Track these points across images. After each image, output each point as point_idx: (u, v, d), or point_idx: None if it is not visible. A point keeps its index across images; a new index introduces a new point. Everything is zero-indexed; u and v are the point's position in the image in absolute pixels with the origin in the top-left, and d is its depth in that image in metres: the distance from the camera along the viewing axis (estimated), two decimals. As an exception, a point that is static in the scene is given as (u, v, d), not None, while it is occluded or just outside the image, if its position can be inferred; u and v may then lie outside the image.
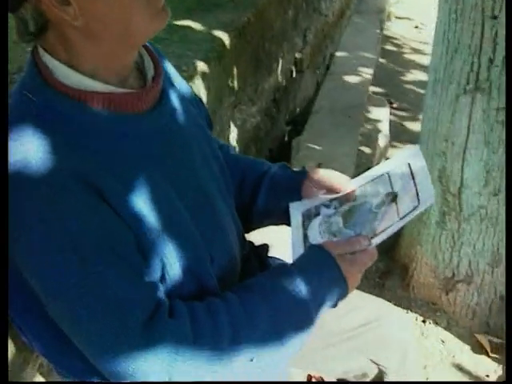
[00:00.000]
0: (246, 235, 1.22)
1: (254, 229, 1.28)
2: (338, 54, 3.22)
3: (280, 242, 1.37)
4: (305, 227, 1.12)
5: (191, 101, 1.11)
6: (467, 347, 1.98)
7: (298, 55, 3.27)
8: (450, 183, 1.84)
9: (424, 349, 1.99)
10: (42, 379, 1.39)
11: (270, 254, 1.31)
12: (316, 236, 1.09)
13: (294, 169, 1.25)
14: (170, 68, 1.09)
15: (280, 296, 0.92)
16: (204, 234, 0.95)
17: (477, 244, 1.90)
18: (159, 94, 0.94)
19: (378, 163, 2.77)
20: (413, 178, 1.05)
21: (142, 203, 0.85)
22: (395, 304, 2.13)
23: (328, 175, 1.14)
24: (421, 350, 1.98)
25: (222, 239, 1.03)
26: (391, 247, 2.29)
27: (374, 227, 1.02)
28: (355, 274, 0.97)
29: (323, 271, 0.95)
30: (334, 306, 0.97)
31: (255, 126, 2.57)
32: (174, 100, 1.00)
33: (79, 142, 0.81)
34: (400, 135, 3.28)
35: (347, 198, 1.11)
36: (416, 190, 1.02)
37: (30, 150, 0.77)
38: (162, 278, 0.88)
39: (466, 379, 1.90)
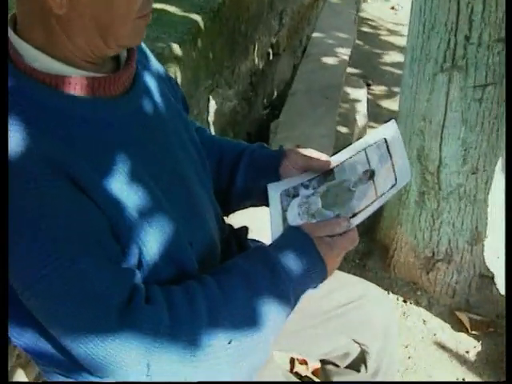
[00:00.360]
0: (226, 218, 1.21)
1: (233, 211, 1.27)
2: (315, 35, 3.19)
3: (259, 224, 1.36)
4: (283, 208, 1.12)
5: (166, 83, 1.09)
6: (448, 325, 2.00)
7: (274, 38, 3.24)
8: (428, 162, 1.84)
9: (406, 328, 2.01)
10: (21, 371, 1.37)
11: (249, 237, 1.30)
12: (295, 218, 1.08)
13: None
14: (144, 50, 1.06)
15: (258, 278, 0.91)
16: (182, 219, 0.94)
17: (456, 222, 1.90)
18: (133, 77, 0.92)
19: (356, 145, 2.77)
20: (389, 154, 1.04)
21: (117, 189, 0.83)
22: (377, 284, 2.14)
23: (305, 154, 1.12)
24: (402, 330, 1.99)
25: (200, 223, 1.02)
26: (371, 228, 2.29)
27: (353, 207, 1.01)
28: (335, 258, 0.96)
29: (302, 254, 0.94)
30: (314, 288, 0.96)
31: (232, 109, 2.55)
32: (149, 82, 0.98)
33: (51, 128, 0.79)
34: (378, 115, 3.28)
35: (325, 176, 1.10)
36: (393, 167, 1.01)
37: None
38: (139, 264, 0.87)
39: (446, 356, 1.92)
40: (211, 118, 2.30)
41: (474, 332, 1.95)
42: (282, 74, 3.51)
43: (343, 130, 2.50)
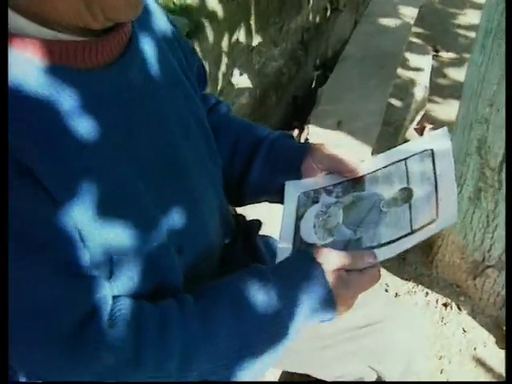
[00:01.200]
0: (238, 209, 1.03)
1: (245, 204, 1.10)
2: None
3: (276, 217, 1.17)
4: (298, 215, 0.94)
5: (175, 49, 0.89)
6: (491, 340, 1.76)
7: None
8: (489, 156, 1.57)
9: (442, 337, 1.79)
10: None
11: (262, 232, 1.12)
12: (309, 231, 0.90)
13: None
14: (150, 4, 0.86)
15: (250, 313, 0.75)
16: (172, 221, 0.78)
17: (515, 227, 1.64)
18: (126, 43, 0.73)
19: (411, 121, 2.48)
20: (434, 171, 0.81)
21: (84, 186, 0.66)
22: (415, 282, 1.93)
23: (334, 154, 0.93)
24: (438, 338, 1.78)
25: (196, 225, 0.85)
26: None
27: (380, 234, 0.80)
28: (349, 299, 0.77)
29: (308, 290, 0.76)
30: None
31: (277, 70, 2.31)
32: (147, 49, 0.79)
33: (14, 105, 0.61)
34: (443, 88, 2.94)
35: (354, 185, 0.91)
36: (436, 193, 0.79)
37: None
38: (111, 274, 0.71)
39: (485, 376, 1.69)
40: (250, 80, 2.08)
41: (520, 352, 1.71)
42: (341, 32, 3.20)
43: (397, 103, 2.21)
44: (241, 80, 1.98)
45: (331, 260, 0.77)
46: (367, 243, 0.81)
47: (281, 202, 0.96)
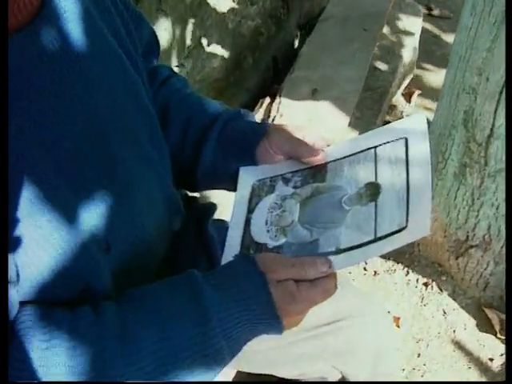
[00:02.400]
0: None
1: (200, 190, 0.99)
2: None
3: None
4: (251, 207, 0.83)
5: (110, 16, 0.75)
6: (472, 322, 1.68)
7: None
8: (476, 129, 1.44)
9: (421, 318, 1.70)
10: None
11: (217, 216, 1.01)
12: (260, 228, 0.80)
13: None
14: None
15: (176, 327, 0.65)
16: (95, 213, 0.67)
17: (501, 206, 1.53)
18: (42, 3, 0.61)
19: (399, 86, 2.32)
20: (407, 169, 0.69)
21: None
22: (395, 260, 1.83)
23: (294, 137, 0.82)
24: (417, 320, 1.69)
25: (127, 216, 0.73)
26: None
27: (339, 237, 0.68)
28: (296, 315, 0.66)
29: (247, 301, 0.66)
30: None
31: (254, 29, 2.14)
32: (70, 8, 0.65)
33: None
34: (433, 52, 2.78)
35: (314, 173, 0.80)
36: (407, 195, 0.67)
37: None
38: (17, 277, 0.60)
39: (465, 360, 1.61)
40: (224, 42, 1.92)
41: (502, 336, 1.63)
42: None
43: (383, 67, 2.06)
44: (212, 41, 1.82)
45: (278, 268, 0.65)
46: (324, 247, 0.69)
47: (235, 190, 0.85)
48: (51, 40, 0.61)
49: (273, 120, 1.77)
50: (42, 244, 0.61)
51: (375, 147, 0.75)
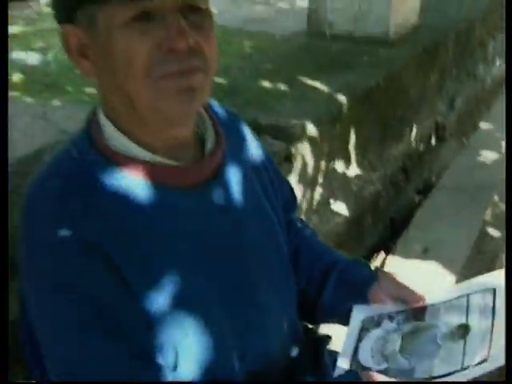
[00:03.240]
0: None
1: (319, 323, 1.18)
2: (484, 124, 2.93)
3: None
4: (360, 337, 1.00)
5: (261, 174, 0.99)
6: None
7: (440, 120, 3.04)
8: None
9: None
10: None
11: (331, 348, 1.16)
12: (366, 354, 0.96)
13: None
14: (245, 133, 1.00)
15: None
16: (235, 328, 0.86)
17: None
18: (217, 169, 0.86)
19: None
20: (493, 312, 0.87)
21: (160, 284, 0.78)
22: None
23: (399, 283, 1.01)
24: None
25: (259, 334, 0.92)
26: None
27: (432, 367, 0.85)
28: None
29: None
30: None
31: (374, 193, 2.42)
32: (235, 177, 0.91)
33: (102, 208, 0.77)
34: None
35: (415, 314, 0.96)
36: (491, 335, 0.84)
37: (51, 208, 0.76)
38: (175, 366, 0.80)
39: None
40: (347, 202, 2.20)
41: None
42: (446, 160, 3.28)
43: (494, 233, 2.21)
44: (337, 200, 2.11)
45: None
46: (419, 374, 0.85)
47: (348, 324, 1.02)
48: (217, 198, 0.86)
49: (387, 273, 1.94)
50: (191, 345, 0.80)
51: (468, 295, 0.93)
